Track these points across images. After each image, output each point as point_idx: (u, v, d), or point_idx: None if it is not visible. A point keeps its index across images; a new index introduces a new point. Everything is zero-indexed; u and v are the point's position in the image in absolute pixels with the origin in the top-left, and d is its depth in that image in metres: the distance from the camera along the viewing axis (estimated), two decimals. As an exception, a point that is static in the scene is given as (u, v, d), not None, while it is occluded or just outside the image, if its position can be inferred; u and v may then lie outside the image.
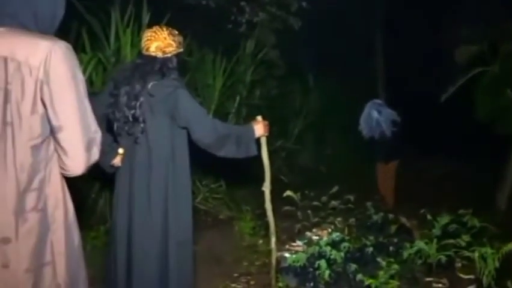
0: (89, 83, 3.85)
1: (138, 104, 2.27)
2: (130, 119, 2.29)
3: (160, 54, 2.36)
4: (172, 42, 2.40)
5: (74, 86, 1.34)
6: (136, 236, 2.33)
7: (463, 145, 6.89)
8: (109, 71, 4.26)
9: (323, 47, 7.36)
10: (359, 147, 5.24)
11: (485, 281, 2.70)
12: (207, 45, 5.33)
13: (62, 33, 4.10)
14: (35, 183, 1.33)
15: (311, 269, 2.98)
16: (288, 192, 3.37)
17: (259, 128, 2.57)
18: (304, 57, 7.52)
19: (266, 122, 2.62)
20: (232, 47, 5.61)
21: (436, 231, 3.04)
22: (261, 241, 4.01)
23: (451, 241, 2.86)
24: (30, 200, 1.33)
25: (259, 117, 2.64)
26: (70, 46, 1.37)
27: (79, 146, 1.36)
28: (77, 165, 1.38)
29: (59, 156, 1.37)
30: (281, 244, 3.74)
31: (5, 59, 1.28)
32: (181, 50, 2.46)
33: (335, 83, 7.58)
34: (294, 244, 3.56)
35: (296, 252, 3.29)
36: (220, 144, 2.38)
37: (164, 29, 2.44)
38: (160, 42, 2.38)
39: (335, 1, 6.23)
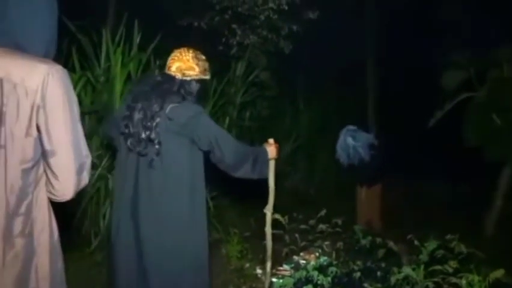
0: (78, 102, 3.83)
1: (154, 124, 2.22)
2: (145, 139, 2.23)
3: (179, 76, 2.34)
4: (195, 66, 2.37)
5: (69, 110, 1.34)
6: (147, 256, 2.25)
7: (450, 169, 6.94)
8: (98, 91, 4.25)
9: (314, 69, 7.44)
10: (348, 170, 5.25)
11: (472, 308, 2.68)
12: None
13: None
14: (23, 207, 1.31)
15: (298, 294, 2.94)
16: (276, 216, 3.35)
17: (272, 150, 2.59)
18: (295, 79, 7.58)
19: (277, 145, 2.65)
20: (223, 69, 5.64)
21: (423, 257, 3.02)
22: (247, 265, 3.95)
23: (439, 267, 2.83)
24: (18, 224, 1.30)
25: (271, 140, 2.66)
26: (65, 70, 1.37)
27: (70, 171, 1.34)
28: (67, 190, 1.36)
29: (48, 180, 1.35)
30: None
31: (1, 80, 1.26)
32: (205, 77, 2.42)
33: (325, 105, 7.64)
34: (281, 268, 3.52)
35: (283, 276, 3.25)
36: (239, 165, 2.38)
37: (191, 51, 2.42)
38: (182, 63, 2.36)
39: (326, 25, 6.31)
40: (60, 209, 1.51)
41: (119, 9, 5.40)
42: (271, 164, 2.71)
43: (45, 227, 1.36)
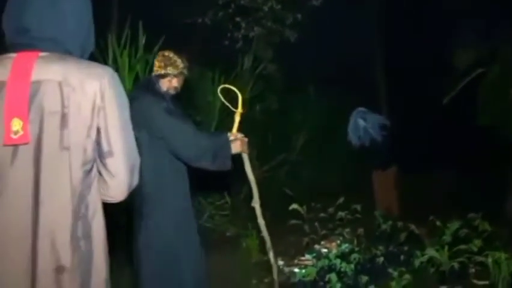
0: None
1: None
2: None
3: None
4: (156, 63, 2.56)
5: (123, 112, 1.37)
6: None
7: (468, 150, 6.83)
8: (135, 96, 4.26)
9: (322, 59, 7.38)
10: (362, 157, 5.20)
11: (500, 286, 2.63)
12: (205, 63, 5.34)
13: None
14: (83, 209, 1.32)
15: (322, 283, 2.93)
16: (294, 206, 3.33)
17: (236, 145, 2.55)
18: (304, 69, 7.52)
19: (244, 140, 2.60)
20: (230, 63, 5.62)
21: (447, 238, 2.98)
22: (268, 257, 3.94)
23: (463, 247, 2.80)
24: (81, 226, 1.30)
25: (234, 134, 2.60)
26: (117, 74, 1.40)
27: (125, 171, 1.36)
28: (121, 191, 1.38)
29: (104, 181, 1.36)
30: (290, 259, 3.68)
31: (60, 84, 1.28)
32: (161, 71, 2.52)
33: (335, 94, 7.56)
34: (303, 258, 3.51)
35: (306, 266, 3.24)
36: (196, 158, 2.43)
37: (161, 51, 2.60)
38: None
39: (331, 12, 6.25)
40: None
41: (123, 12, 5.41)
42: (245, 158, 2.66)
43: (100, 229, 1.37)
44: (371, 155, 4.78)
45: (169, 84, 2.56)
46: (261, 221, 2.79)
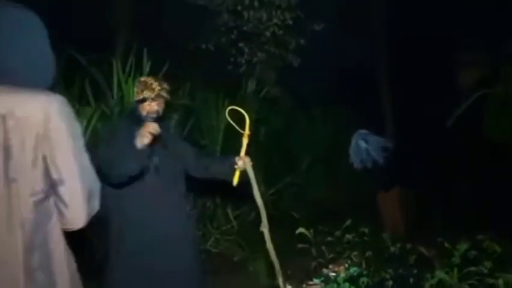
0: (95, 134, 3.87)
1: None
2: None
3: None
4: (135, 89, 2.68)
5: (72, 138, 1.35)
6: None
7: (475, 169, 6.78)
8: (113, 121, 4.31)
9: (326, 82, 7.42)
10: (368, 178, 5.19)
11: (513, 309, 2.58)
12: (209, 87, 5.40)
13: (66, 85, 4.19)
14: (39, 240, 1.31)
15: (331, 308, 2.88)
16: (301, 229, 3.31)
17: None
18: (308, 92, 7.57)
19: (250, 163, 2.66)
20: (234, 87, 5.68)
21: (456, 260, 2.93)
22: (278, 281, 3.90)
23: (473, 269, 2.75)
24: (36, 257, 1.30)
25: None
26: (65, 99, 1.38)
27: (79, 199, 1.35)
28: (78, 218, 1.37)
29: (59, 210, 1.35)
30: (298, 283, 3.63)
31: (3, 117, 1.28)
32: (136, 98, 2.61)
33: (340, 115, 7.59)
34: (311, 283, 3.45)
35: (314, 291, 3.19)
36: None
37: (139, 78, 2.77)
38: None
39: (333, 35, 6.32)
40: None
41: (127, 39, 5.50)
42: (253, 182, 2.66)
43: (62, 259, 1.36)
44: (376, 177, 4.77)
45: (149, 108, 2.60)
46: (269, 246, 2.77)
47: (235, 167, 2.66)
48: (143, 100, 2.60)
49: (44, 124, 1.30)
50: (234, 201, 5.08)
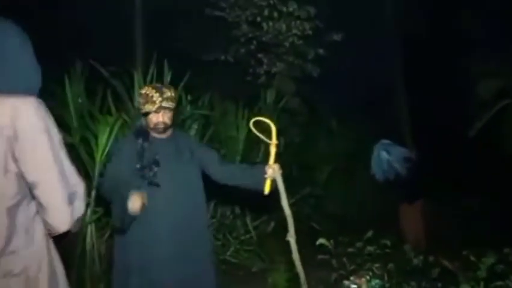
0: (116, 142, 3.91)
1: None
2: None
3: None
4: (139, 100, 2.67)
5: (46, 140, 1.31)
6: None
7: (498, 180, 6.65)
8: (127, 135, 4.35)
9: (345, 92, 7.39)
10: (389, 189, 5.11)
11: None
12: (228, 98, 5.42)
13: (88, 95, 4.25)
14: (13, 246, 1.27)
15: (353, 321, 2.83)
16: (321, 240, 3.26)
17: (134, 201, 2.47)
18: (327, 103, 7.54)
19: (279, 171, 2.58)
20: (253, 98, 5.69)
21: (481, 273, 2.86)
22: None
23: (499, 283, 2.68)
24: (5, 264, 1.26)
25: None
26: (40, 101, 1.35)
27: (58, 201, 1.30)
28: (60, 222, 1.32)
29: (40, 213, 1.32)
30: (319, 295, 3.59)
31: None
32: (142, 110, 2.61)
33: (359, 126, 7.53)
34: (332, 295, 3.41)
35: (335, 303, 3.14)
36: (108, 198, 2.62)
37: (141, 89, 2.78)
38: None
39: (353, 47, 6.30)
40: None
41: (148, 49, 5.57)
42: (282, 191, 2.59)
43: (43, 266, 1.32)
44: (397, 188, 4.69)
45: (156, 119, 2.58)
46: (295, 256, 2.73)
47: (265, 176, 2.56)
48: (147, 113, 2.58)
49: (13, 126, 1.27)
50: (253, 211, 5.06)
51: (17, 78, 1.38)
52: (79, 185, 1.36)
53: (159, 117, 2.58)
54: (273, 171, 2.55)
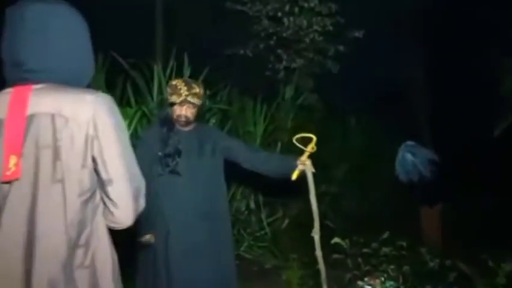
0: (135, 135, 3.93)
1: None
2: None
3: None
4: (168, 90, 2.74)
5: (120, 137, 1.34)
6: None
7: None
8: (152, 123, 4.37)
9: (364, 90, 7.31)
10: (407, 189, 5.03)
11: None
12: (246, 94, 5.41)
13: (108, 87, 4.29)
14: (83, 239, 1.30)
15: (366, 322, 2.81)
16: (336, 239, 3.25)
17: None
18: (345, 100, 7.47)
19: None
20: (271, 94, 5.66)
21: (500, 280, 2.80)
22: (310, 291, 3.85)
23: (519, 290, 2.63)
24: (78, 256, 1.29)
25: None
26: (112, 98, 1.38)
27: (128, 197, 1.34)
28: (127, 217, 1.35)
29: (107, 209, 1.34)
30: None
31: (52, 116, 1.28)
32: (168, 100, 2.69)
33: (377, 124, 7.45)
34: (346, 295, 3.38)
35: (348, 303, 3.12)
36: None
37: (171, 80, 2.85)
38: None
39: (373, 43, 6.22)
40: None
41: (168, 43, 5.59)
42: (311, 187, 2.70)
43: (107, 258, 1.35)
44: (419, 190, 4.61)
45: (179, 111, 2.63)
46: (319, 253, 2.76)
47: (298, 163, 2.69)
48: (171, 104, 2.64)
49: (93, 123, 1.29)
50: (267, 207, 5.06)
51: (82, 70, 1.42)
52: (142, 182, 1.40)
53: (182, 110, 2.63)
54: (307, 164, 2.69)
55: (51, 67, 1.34)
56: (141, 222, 2.52)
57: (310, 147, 2.70)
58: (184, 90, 2.58)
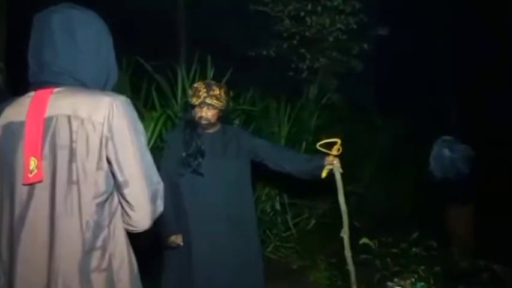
0: (160, 139, 3.96)
1: None
2: None
3: None
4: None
5: (136, 139, 1.33)
6: None
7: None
8: (177, 125, 4.39)
9: (389, 88, 7.21)
10: (436, 188, 4.92)
11: None
12: (270, 94, 5.39)
13: (133, 90, 4.32)
14: (99, 242, 1.30)
15: (396, 324, 2.75)
16: (365, 240, 3.20)
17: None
18: (370, 99, 7.38)
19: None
20: (295, 94, 5.63)
21: (537, 280, 2.71)
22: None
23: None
24: (94, 259, 1.29)
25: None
26: (129, 100, 1.37)
27: (144, 200, 1.33)
28: (144, 220, 1.35)
29: (124, 211, 1.34)
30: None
31: (68, 117, 1.28)
32: (190, 102, 2.71)
33: (403, 123, 7.33)
34: (375, 295, 3.33)
35: (378, 304, 3.07)
36: None
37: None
38: None
39: (398, 39, 6.13)
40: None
41: (191, 45, 5.62)
42: (339, 185, 2.71)
43: (124, 262, 1.35)
44: (448, 188, 4.48)
45: (199, 113, 2.65)
46: (348, 253, 2.74)
47: (326, 163, 2.71)
48: (193, 106, 2.67)
49: (108, 125, 1.29)
50: (293, 208, 5.02)
51: (105, 77, 1.44)
52: (159, 184, 1.39)
53: (202, 112, 2.65)
54: (335, 164, 2.71)
55: (75, 70, 1.36)
56: (167, 223, 2.55)
57: (336, 149, 2.66)
58: (203, 92, 2.61)
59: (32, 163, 1.26)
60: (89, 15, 1.42)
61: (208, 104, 2.62)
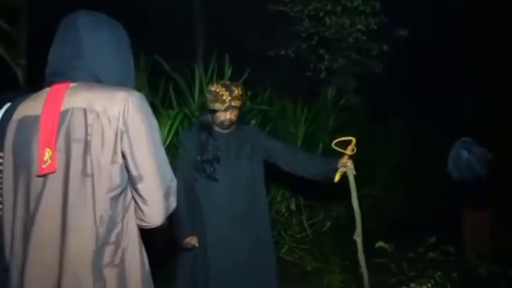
0: (176, 137, 3.98)
1: None
2: None
3: None
4: (207, 97, 2.66)
5: (151, 135, 1.34)
6: None
7: None
8: (192, 125, 4.41)
9: (407, 90, 7.12)
10: (454, 192, 4.83)
11: None
12: (287, 94, 5.36)
13: (151, 88, 4.34)
14: (113, 237, 1.30)
15: (411, 329, 2.71)
16: (380, 243, 3.16)
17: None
18: (388, 101, 7.30)
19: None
20: (312, 95, 5.60)
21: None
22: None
23: None
24: (107, 254, 1.29)
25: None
26: (143, 96, 1.38)
27: (158, 195, 1.33)
28: (157, 215, 1.35)
29: (138, 206, 1.34)
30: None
31: (84, 110, 1.29)
32: (210, 108, 2.62)
33: (421, 125, 7.24)
34: (390, 300, 3.29)
35: (392, 309, 3.03)
36: None
37: (210, 85, 2.69)
38: None
39: (419, 40, 6.05)
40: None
41: (209, 44, 5.64)
42: (353, 188, 2.65)
43: (136, 258, 1.34)
44: (466, 191, 4.40)
45: (224, 117, 2.60)
46: (361, 256, 2.70)
47: (340, 166, 2.65)
48: (214, 111, 2.62)
49: (123, 119, 1.30)
50: (308, 209, 5.00)
51: (120, 72, 1.46)
52: (173, 181, 1.39)
53: (227, 115, 2.62)
54: (348, 166, 2.64)
55: (93, 68, 1.39)
56: (181, 224, 2.56)
57: (350, 149, 2.62)
58: (226, 96, 2.56)
59: (47, 154, 1.27)
60: (113, 22, 1.48)
61: (233, 107, 2.60)
